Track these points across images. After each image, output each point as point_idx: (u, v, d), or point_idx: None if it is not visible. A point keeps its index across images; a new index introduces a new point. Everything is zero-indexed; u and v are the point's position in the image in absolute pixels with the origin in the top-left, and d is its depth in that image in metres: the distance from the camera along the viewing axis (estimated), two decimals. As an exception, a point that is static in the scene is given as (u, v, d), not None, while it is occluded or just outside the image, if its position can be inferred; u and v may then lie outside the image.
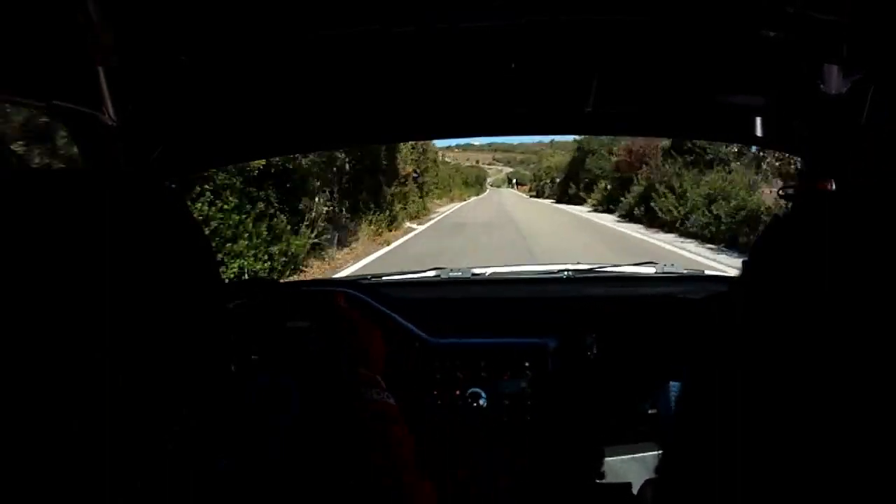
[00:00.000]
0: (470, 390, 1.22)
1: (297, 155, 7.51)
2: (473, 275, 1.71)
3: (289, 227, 7.46)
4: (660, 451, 0.37)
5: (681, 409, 0.34)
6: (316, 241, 8.33)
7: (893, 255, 0.24)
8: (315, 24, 0.89)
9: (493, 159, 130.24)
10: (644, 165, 17.46)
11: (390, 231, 13.28)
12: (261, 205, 6.84)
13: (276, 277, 6.17)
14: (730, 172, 12.66)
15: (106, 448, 0.31)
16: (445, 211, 25.73)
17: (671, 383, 0.89)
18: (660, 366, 1.11)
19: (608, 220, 18.40)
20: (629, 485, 1.15)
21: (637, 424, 1.20)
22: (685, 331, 0.97)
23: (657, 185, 14.87)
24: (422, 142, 19.97)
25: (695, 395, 0.32)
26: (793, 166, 9.22)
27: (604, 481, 1.21)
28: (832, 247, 0.26)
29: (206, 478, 0.39)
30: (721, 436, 0.28)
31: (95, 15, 0.79)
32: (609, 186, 23.43)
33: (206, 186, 5.93)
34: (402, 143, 15.10)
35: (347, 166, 10.99)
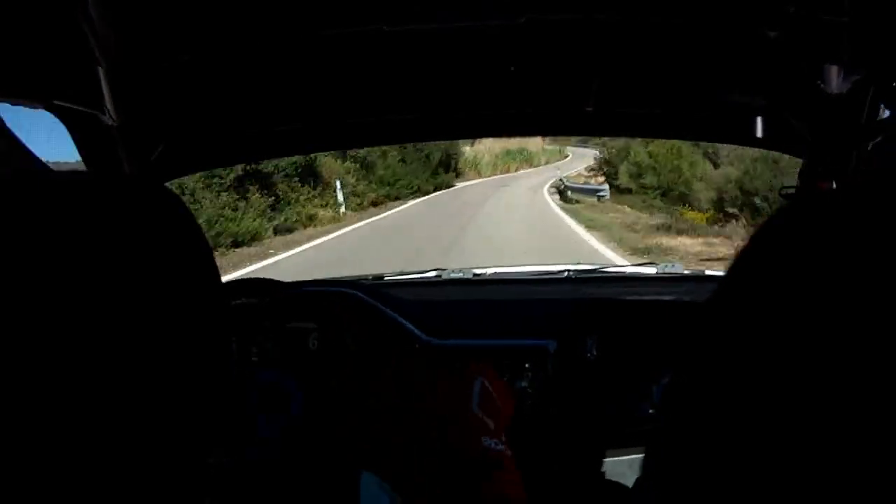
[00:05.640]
0: None
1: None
2: (475, 275, 1.71)
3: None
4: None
5: (671, 410, 0.34)
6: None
7: (894, 256, 0.24)
8: (315, 24, 0.89)
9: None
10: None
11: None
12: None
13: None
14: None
15: (105, 450, 0.31)
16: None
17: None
18: (660, 367, 1.11)
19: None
20: (629, 485, 1.14)
21: (637, 426, 1.19)
22: (685, 332, 0.96)
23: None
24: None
25: (687, 395, 0.32)
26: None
27: (604, 482, 1.21)
28: (832, 247, 0.26)
29: (205, 479, 0.39)
30: (713, 437, 0.28)
31: (95, 15, 0.79)
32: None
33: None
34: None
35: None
